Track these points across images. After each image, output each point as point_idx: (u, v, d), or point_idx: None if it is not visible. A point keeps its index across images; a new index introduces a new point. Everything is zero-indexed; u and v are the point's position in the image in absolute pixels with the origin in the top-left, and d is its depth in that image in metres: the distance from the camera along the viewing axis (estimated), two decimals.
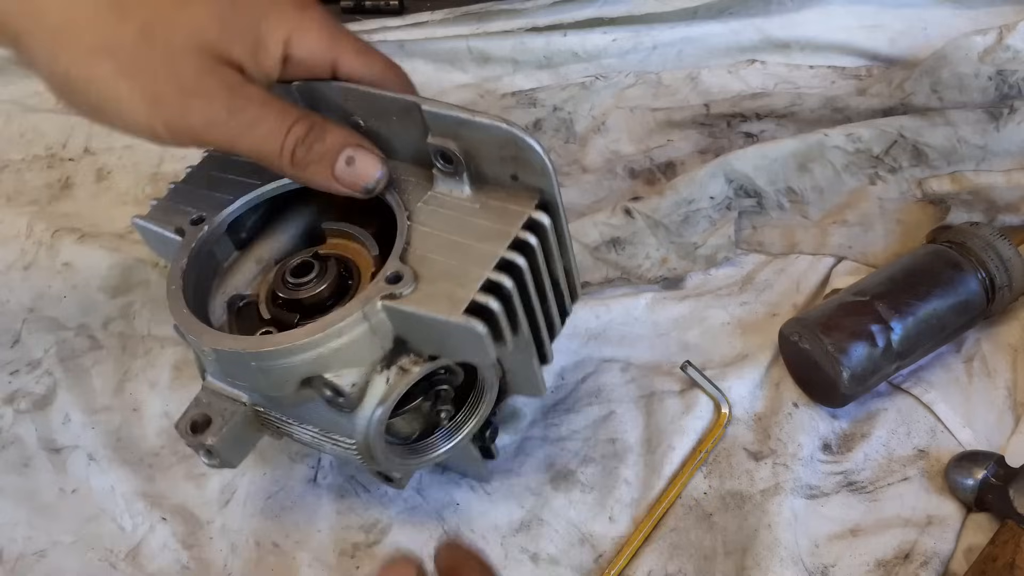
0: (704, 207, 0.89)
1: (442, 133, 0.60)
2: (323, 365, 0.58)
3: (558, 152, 1.00)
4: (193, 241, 0.63)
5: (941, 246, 0.77)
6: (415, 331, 0.58)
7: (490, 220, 0.60)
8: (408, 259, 0.59)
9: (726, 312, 0.84)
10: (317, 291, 0.61)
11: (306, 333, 0.56)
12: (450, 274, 0.57)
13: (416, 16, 1.10)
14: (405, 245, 0.60)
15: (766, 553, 0.66)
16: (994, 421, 0.73)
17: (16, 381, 0.86)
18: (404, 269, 0.57)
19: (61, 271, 0.96)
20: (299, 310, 0.62)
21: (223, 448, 0.62)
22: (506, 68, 1.09)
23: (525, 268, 0.58)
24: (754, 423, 0.75)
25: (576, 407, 0.79)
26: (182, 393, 0.84)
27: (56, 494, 0.78)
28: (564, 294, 0.66)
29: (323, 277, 0.62)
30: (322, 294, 0.62)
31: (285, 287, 0.62)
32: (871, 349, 0.71)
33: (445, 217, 0.61)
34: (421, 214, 0.62)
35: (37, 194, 1.07)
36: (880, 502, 0.70)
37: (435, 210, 0.62)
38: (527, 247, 0.59)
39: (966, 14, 1.00)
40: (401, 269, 0.58)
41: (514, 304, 0.58)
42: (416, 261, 0.59)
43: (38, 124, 1.14)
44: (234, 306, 0.65)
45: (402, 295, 0.56)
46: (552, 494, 0.73)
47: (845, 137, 0.88)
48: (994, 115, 0.87)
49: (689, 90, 1.03)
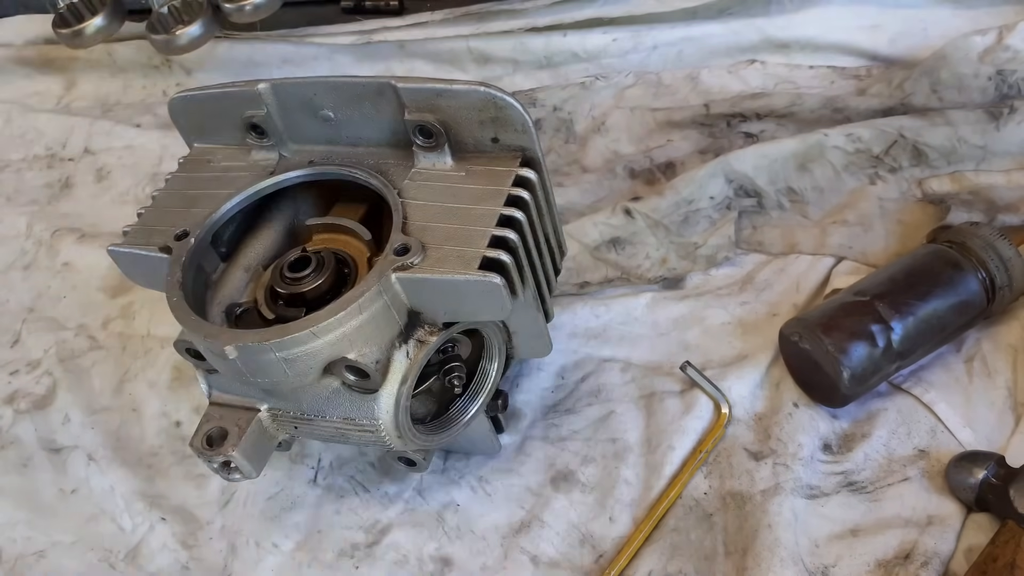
0: (704, 207, 0.89)
1: (419, 108, 0.61)
2: (345, 346, 0.58)
3: (558, 152, 1.00)
4: (183, 254, 0.63)
5: (941, 246, 0.77)
6: (430, 298, 0.60)
7: (479, 183, 0.62)
8: (409, 231, 0.60)
9: (726, 312, 0.84)
10: (317, 283, 0.62)
11: (328, 313, 0.57)
12: (454, 237, 0.59)
13: (416, 16, 1.10)
14: (403, 219, 0.61)
15: (766, 553, 0.66)
16: (994, 421, 0.73)
17: (16, 381, 0.86)
18: (410, 240, 0.59)
19: (61, 271, 0.96)
20: (303, 304, 0.62)
21: (243, 457, 0.62)
22: (506, 68, 1.10)
23: (524, 221, 0.60)
24: (754, 423, 0.75)
25: (576, 407, 0.79)
26: (182, 393, 0.84)
27: (56, 494, 0.78)
28: (555, 249, 0.68)
29: (322, 269, 0.63)
30: (322, 286, 0.62)
31: (285, 283, 0.62)
32: (871, 349, 0.71)
33: (434, 188, 0.63)
34: (410, 190, 0.63)
35: (37, 194, 1.07)
36: (880, 502, 0.70)
37: (423, 184, 0.63)
38: (522, 201, 0.61)
39: (966, 14, 1.00)
40: (407, 241, 0.59)
41: (520, 256, 0.60)
42: (418, 231, 0.60)
43: (38, 124, 1.15)
44: (232, 314, 0.65)
45: (413, 264, 0.58)
46: (552, 495, 0.73)
47: (845, 137, 0.88)
48: (994, 115, 0.87)
49: (689, 90, 1.03)
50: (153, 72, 1.18)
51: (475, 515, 0.73)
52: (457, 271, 0.57)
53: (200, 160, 0.72)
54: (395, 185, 0.63)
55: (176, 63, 1.17)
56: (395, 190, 0.63)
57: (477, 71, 1.10)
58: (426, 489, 0.75)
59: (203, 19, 0.95)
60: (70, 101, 1.19)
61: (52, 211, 1.04)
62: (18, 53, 1.20)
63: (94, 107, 1.17)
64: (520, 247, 0.60)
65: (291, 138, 0.69)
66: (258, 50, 1.13)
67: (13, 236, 1.01)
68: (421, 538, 0.72)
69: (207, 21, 0.95)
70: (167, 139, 1.08)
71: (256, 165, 0.69)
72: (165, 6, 0.97)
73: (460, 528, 0.73)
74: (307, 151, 0.69)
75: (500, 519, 0.73)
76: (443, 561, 0.71)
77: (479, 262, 0.57)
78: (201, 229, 0.64)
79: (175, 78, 1.18)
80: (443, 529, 0.73)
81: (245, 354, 0.57)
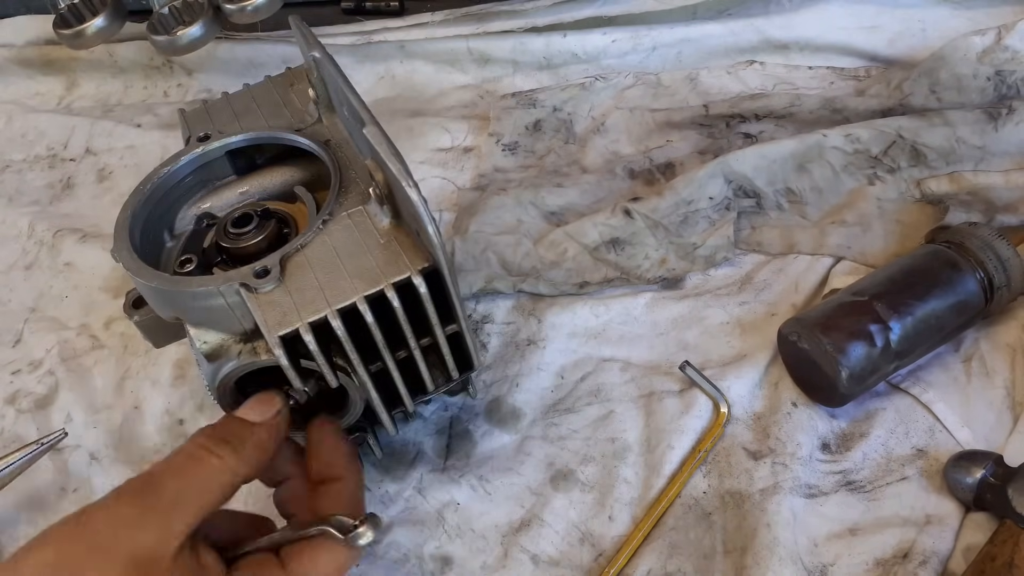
0: (703, 207, 0.89)
1: (374, 160, 0.61)
2: (192, 317, 0.62)
3: (558, 152, 1.00)
4: (185, 154, 0.72)
5: (939, 246, 0.77)
6: None
7: (381, 261, 0.61)
8: (290, 261, 0.61)
9: (725, 312, 0.84)
10: (256, 240, 0.66)
11: (172, 284, 0.61)
12: (306, 294, 0.59)
13: (416, 17, 1.10)
14: (299, 246, 0.62)
15: (765, 552, 0.66)
16: (993, 420, 0.73)
17: (18, 381, 0.87)
18: (275, 268, 0.60)
19: (63, 271, 0.97)
20: (242, 260, 0.65)
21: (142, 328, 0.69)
22: (506, 69, 1.10)
23: (371, 323, 0.59)
24: (753, 423, 0.76)
25: (576, 407, 0.79)
26: (184, 391, 0.84)
27: (57, 493, 0.78)
28: (447, 359, 0.66)
29: (261, 229, 0.66)
30: (260, 243, 0.66)
31: (228, 237, 0.66)
32: (870, 349, 0.71)
33: (352, 238, 0.63)
34: (336, 224, 0.64)
35: (38, 194, 1.07)
36: (879, 501, 0.70)
37: (350, 227, 0.64)
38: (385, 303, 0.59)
39: (964, 15, 1.00)
40: (273, 267, 0.60)
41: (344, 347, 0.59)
42: (296, 266, 0.61)
43: (39, 124, 1.15)
44: (201, 223, 0.70)
45: (256, 290, 0.59)
46: (552, 494, 0.74)
47: (844, 138, 0.89)
48: (992, 115, 0.87)
49: (688, 91, 1.03)
50: (154, 73, 1.19)
51: (475, 514, 0.73)
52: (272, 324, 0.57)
53: (284, 85, 0.79)
54: (333, 211, 0.65)
55: (177, 64, 1.17)
56: (325, 218, 0.64)
57: (477, 71, 1.10)
58: (426, 488, 0.75)
59: (204, 20, 0.95)
60: (71, 101, 1.19)
61: (54, 211, 1.04)
62: (19, 53, 1.21)
63: (95, 108, 1.17)
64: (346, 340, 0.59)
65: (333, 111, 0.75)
66: (259, 51, 1.14)
67: (15, 236, 1.01)
68: (421, 537, 0.72)
69: (208, 22, 0.96)
70: (168, 139, 1.09)
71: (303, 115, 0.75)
72: (166, 7, 0.97)
73: (460, 527, 0.73)
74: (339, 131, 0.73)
75: (500, 518, 0.73)
76: (443, 560, 0.71)
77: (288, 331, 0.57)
78: (218, 142, 0.73)
79: (176, 79, 1.18)
80: (443, 528, 0.73)
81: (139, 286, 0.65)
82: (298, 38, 0.73)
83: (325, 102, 0.74)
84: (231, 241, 0.66)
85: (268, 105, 0.77)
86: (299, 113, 0.75)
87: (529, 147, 1.01)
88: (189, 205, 0.74)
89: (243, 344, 0.61)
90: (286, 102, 0.77)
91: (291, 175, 0.76)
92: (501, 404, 0.80)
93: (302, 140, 0.72)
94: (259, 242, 0.65)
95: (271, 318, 0.58)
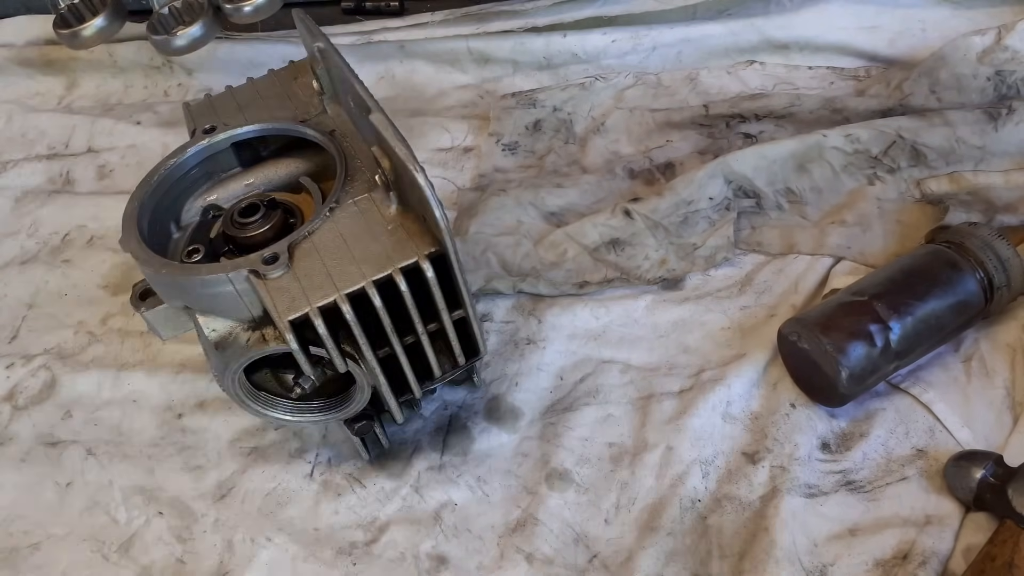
0: (703, 208, 0.89)
1: (380, 147, 0.61)
2: (201, 305, 0.62)
3: (558, 153, 1.00)
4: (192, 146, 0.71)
5: (939, 246, 0.77)
6: None
7: (388, 246, 0.61)
8: (298, 248, 0.61)
9: (725, 313, 0.83)
10: (263, 230, 0.65)
11: (181, 271, 0.60)
12: (314, 280, 0.59)
13: (416, 17, 1.11)
14: (307, 233, 0.62)
15: (763, 553, 0.66)
16: (993, 421, 0.73)
17: (15, 376, 0.87)
18: (284, 255, 0.60)
19: (62, 268, 0.97)
20: (249, 249, 0.65)
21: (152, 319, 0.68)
22: (506, 69, 1.10)
23: (380, 307, 0.60)
24: (751, 423, 0.75)
25: (574, 407, 0.79)
26: (182, 385, 0.84)
27: (53, 488, 0.78)
28: (453, 345, 0.67)
29: (268, 218, 0.66)
30: (267, 233, 0.65)
31: (234, 227, 0.66)
32: (870, 349, 0.71)
33: (359, 225, 0.63)
34: (343, 212, 0.64)
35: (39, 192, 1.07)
36: (879, 501, 0.70)
37: (356, 213, 0.64)
38: (393, 288, 0.60)
39: (965, 15, 1.00)
40: (281, 253, 0.60)
41: (353, 331, 0.60)
42: (304, 253, 0.61)
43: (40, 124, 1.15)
44: (207, 214, 0.70)
45: (267, 276, 0.59)
46: (548, 494, 0.73)
47: (844, 138, 0.88)
48: (992, 115, 0.87)
49: (688, 91, 1.03)
50: (154, 72, 1.19)
51: (472, 514, 0.73)
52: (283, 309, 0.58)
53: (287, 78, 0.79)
54: (339, 199, 0.65)
55: (177, 64, 1.17)
56: (332, 205, 0.64)
57: (477, 71, 1.10)
58: (424, 487, 0.75)
59: (204, 20, 0.96)
60: (71, 101, 1.19)
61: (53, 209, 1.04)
62: (19, 53, 1.21)
63: (95, 107, 1.17)
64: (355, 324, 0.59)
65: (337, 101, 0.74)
66: (259, 51, 1.14)
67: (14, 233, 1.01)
68: (418, 536, 0.72)
69: (208, 22, 0.96)
70: (168, 137, 1.09)
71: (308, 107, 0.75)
72: (166, 7, 0.97)
73: (457, 527, 0.72)
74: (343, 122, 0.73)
75: (496, 518, 0.73)
76: (439, 559, 0.71)
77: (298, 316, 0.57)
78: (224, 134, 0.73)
79: (176, 79, 1.18)
80: (440, 527, 0.73)
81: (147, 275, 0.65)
82: (301, 31, 0.73)
83: (329, 93, 0.74)
84: (238, 231, 0.66)
85: (272, 97, 0.77)
86: (303, 105, 0.76)
87: (529, 147, 1.01)
88: (195, 197, 0.74)
89: (251, 332, 0.62)
90: (290, 95, 0.77)
91: (296, 166, 0.76)
92: (500, 403, 0.79)
93: (307, 131, 0.72)
94: (266, 231, 0.65)
95: (281, 303, 0.58)
